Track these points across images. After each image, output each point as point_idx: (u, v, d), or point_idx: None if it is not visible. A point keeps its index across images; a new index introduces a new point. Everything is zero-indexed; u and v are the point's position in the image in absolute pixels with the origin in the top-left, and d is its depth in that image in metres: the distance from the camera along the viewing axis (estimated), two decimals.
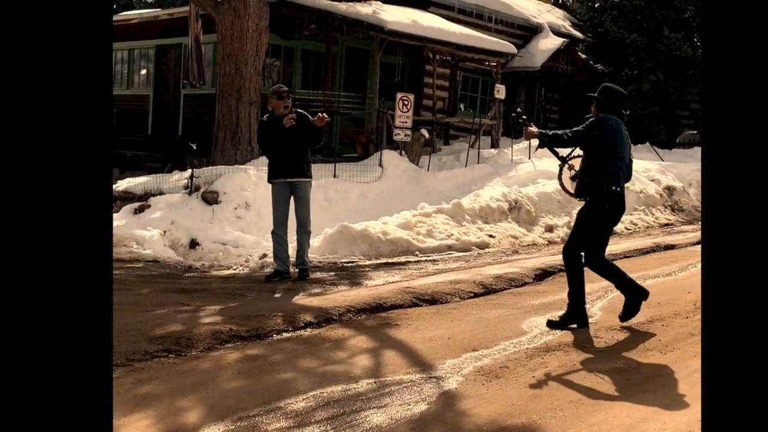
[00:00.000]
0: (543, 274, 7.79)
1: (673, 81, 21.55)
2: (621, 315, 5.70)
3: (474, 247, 9.36)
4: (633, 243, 10.19)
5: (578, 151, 6.03)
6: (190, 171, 10.48)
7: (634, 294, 5.64)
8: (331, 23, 14.58)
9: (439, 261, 8.52)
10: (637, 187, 12.68)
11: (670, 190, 13.62)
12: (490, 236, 9.83)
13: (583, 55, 21.25)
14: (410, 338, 5.21)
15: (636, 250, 9.58)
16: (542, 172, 12.77)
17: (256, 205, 10.07)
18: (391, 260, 8.47)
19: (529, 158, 14.10)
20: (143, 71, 16.92)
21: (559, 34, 20.83)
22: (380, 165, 12.44)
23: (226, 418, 3.70)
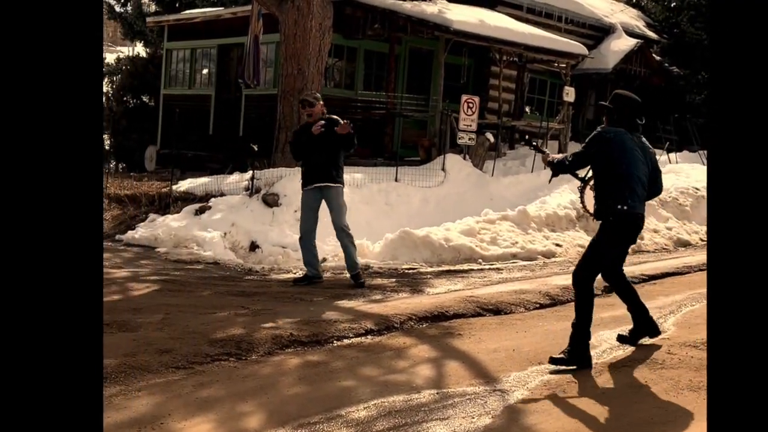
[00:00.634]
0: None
1: None
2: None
3: (540, 256, 9.29)
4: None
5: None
6: (250, 172, 10.68)
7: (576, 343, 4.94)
8: (395, 23, 14.65)
9: (503, 270, 8.49)
10: None
11: None
12: (557, 245, 9.74)
13: (657, 57, 20.85)
14: (473, 349, 5.21)
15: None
16: None
17: None
18: (453, 268, 8.47)
19: None
20: (205, 71, 17.25)
21: (632, 34, 20.48)
22: (443, 169, 12.44)
23: (287, 424, 3.77)
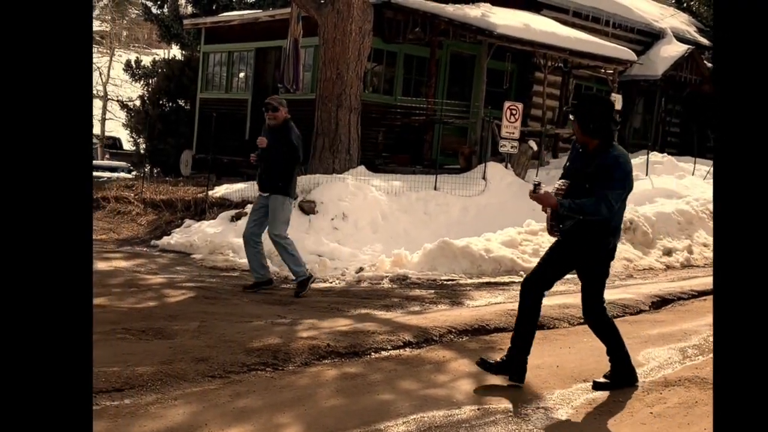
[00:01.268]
0: (661, 302, 7.60)
1: None
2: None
3: None
4: None
5: None
6: None
7: None
8: (436, 26, 14.69)
9: None
10: None
11: None
12: None
13: (709, 64, 20.59)
14: None
15: None
16: (660, 190, 12.45)
17: (353, 216, 10.26)
18: (493, 280, 8.46)
19: (646, 175, 13.77)
20: (242, 74, 17.43)
21: (683, 40, 20.26)
22: (484, 178, 12.43)
23: None
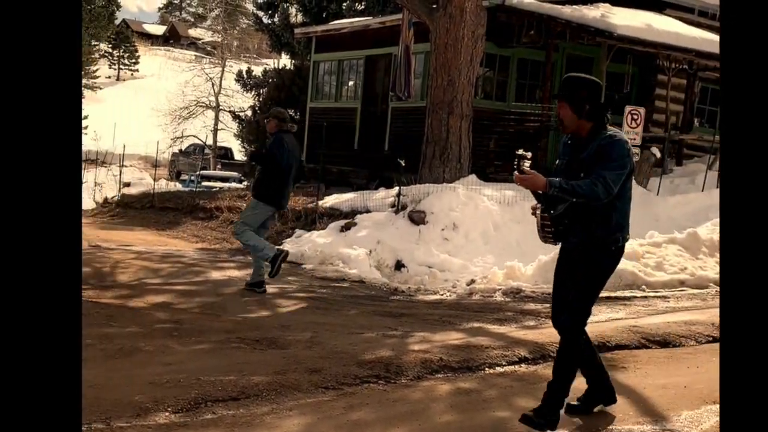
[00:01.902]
0: None
1: None
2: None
3: (711, 284, 8.90)
4: None
5: None
6: (396, 189, 10.89)
7: None
8: (552, 29, 14.51)
9: (670, 298, 8.21)
10: None
11: None
12: None
13: None
14: (640, 384, 5.08)
15: None
16: None
17: (464, 226, 10.25)
18: (613, 294, 8.27)
19: None
20: (351, 83, 17.70)
21: None
22: None
23: None
